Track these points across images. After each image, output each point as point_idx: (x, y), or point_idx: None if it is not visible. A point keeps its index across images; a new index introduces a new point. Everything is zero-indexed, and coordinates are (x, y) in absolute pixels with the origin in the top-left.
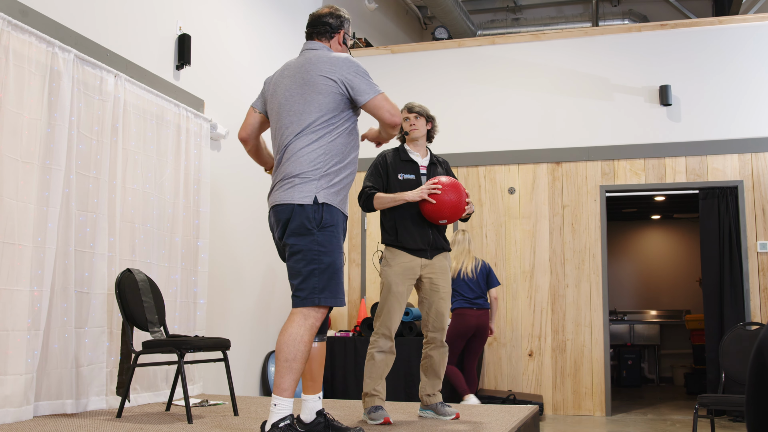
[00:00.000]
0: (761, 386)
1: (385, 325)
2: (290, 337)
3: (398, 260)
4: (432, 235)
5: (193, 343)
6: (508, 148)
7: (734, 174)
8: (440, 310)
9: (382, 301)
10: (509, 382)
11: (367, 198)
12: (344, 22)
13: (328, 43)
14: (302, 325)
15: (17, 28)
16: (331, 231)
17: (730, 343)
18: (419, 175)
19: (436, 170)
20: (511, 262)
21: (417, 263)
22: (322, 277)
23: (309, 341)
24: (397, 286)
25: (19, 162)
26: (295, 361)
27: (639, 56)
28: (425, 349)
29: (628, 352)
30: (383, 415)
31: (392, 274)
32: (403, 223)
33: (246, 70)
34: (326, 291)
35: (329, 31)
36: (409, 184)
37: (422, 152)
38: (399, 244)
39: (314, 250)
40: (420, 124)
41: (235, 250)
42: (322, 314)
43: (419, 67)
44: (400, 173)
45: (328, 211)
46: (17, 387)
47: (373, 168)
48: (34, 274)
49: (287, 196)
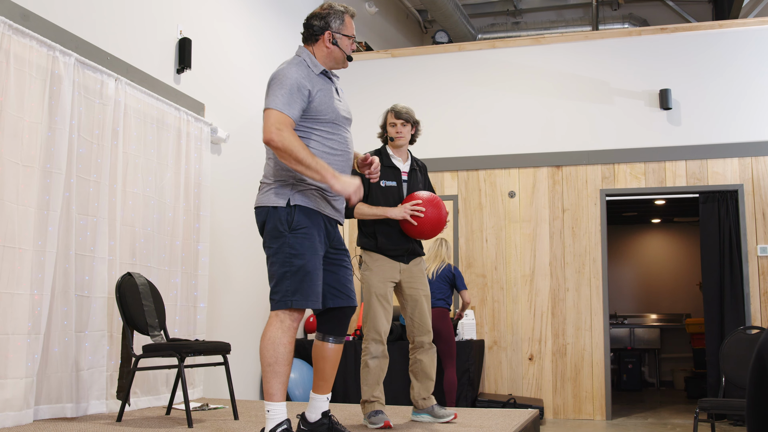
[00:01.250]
0: (762, 390)
1: (374, 329)
2: (268, 341)
3: (378, 264)
4: (410, 241)
5: (193, 347)
6: (508, 151)
7: (734, 178)
8: (423, 312)
9: (367, 305)
10: (509, 386)
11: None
12: (330, 21)
13: (311, 47)
14: (278, 328)
15: (18, 32)
16: (304, 233)
17: (730, 346)
18: (401, 181)
19: (416, 176)
20: (512, 266)
21: (396, 267)
22: (294, 280)
23: (288, 343)
24: (380, 288)
25: (19, 165)
26: (278, 364)
27: (639, 60)
28: (413, 354)
29: (629, 355)
30: (383, 418)
31: (373, 278)
32: (383, 230)
33: (246, 74)
34: (298, 294)
35: (313, 35)
36: (391, 191)
37: (404, 156)
38: (378, 249)
39: (286, 253)
40: (406, 131)
41: (235, 254)
42: (298, 316)
43: (419, 70)
44: (383, 180)
45: (301, 213)
46: (17, 390)
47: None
48: (35, 278)
49: (264, 199)
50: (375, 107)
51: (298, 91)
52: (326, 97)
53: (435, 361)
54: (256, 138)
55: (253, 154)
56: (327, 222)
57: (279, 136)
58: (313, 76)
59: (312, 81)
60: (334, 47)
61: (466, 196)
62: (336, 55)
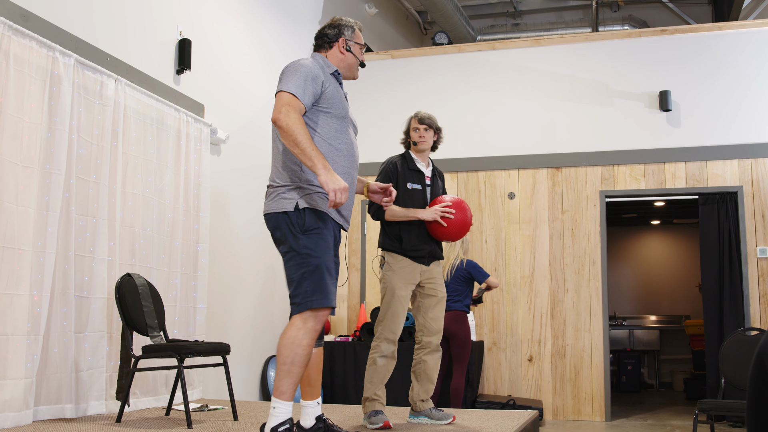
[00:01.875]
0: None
1: (390, 329)
2: (288, 341)
3: (401, 265)
4: (433, 244)
5: (192, 348)
6: (507, 153)
7: (734, 179)
8: (436, 314)
9: (386, 305)
10: (509, 387)
11: (378, 208)
12: (343, 30)
13: (326, 53)
14: (300, 329)
15: (18, 32)
16: (317, 233)
17: (729, 348)
18: (425, 185)
19: (437, 182)
20: (511, 267)
21: (417, 269)
22: (312, 280)
23: (308, 345)
24: (401, 290)
25: (19, 166)
26: (294, 365)
27: (639, 62)
28: (418, 354)
29: (628, 357)
30: (383, 419)
31: (396, 279)
32: (408, 232)
33: (246, 75)
34: (317, 293)
35: (327, 42)
36: (417, 194)
37: (426, 162)
38: (403, 251)
39: (302, 254)
40: (429, 136)
41: (234, 255)
42: (322, 317)
43: (419, 72)
44: (409, 182)
45: (312, 215)
46: (17, 391)
47: (383, 175)
48: (34, 279)
49: (272, 205)
50: (375, 108)
51: (312, 80)
52: (337, 93)
53: (438, 365)
54: (256, 139)
55: (252, 156)
56: (335, 226)
57: (286, 116)
58: (326, 72)
59: (325, 75)
60: (348, 54)
61: (465, 198)
62: (350, 62)
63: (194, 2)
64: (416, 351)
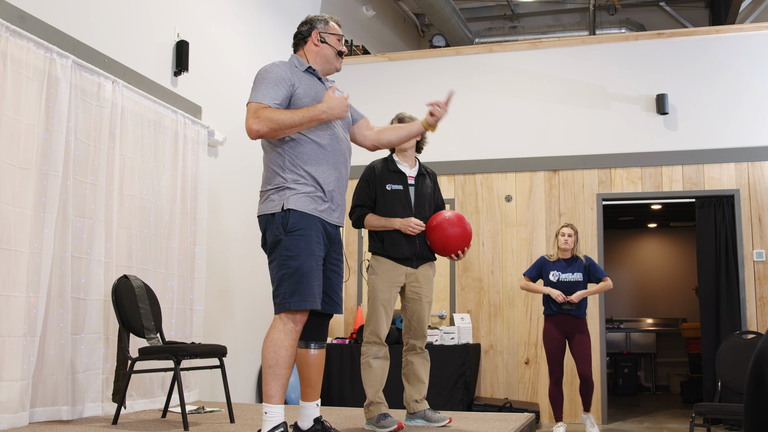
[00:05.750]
0: (759, 397)
1: (375, 332)
2: (270, 343)
3: (383, 268)
4: (419, 245)
5: (189, 350)
6: (505, 155)
7: (731, 183)
8: (421, 317)
9: (370, 308)
10: (505, 390)
11: (358, 218)
12: (315, 24)
13: (302, 51)
14: (281, 330)
15: (15, 33)
16: (300, 234)
17: (726, 351)
18: (407, 185)
19: (424, 181)
20: (508, 270)
21: (402, 272)
22: (291, 282)
23: (290, 346)
24: (383, 293)
25: (16, 168)
26: (278, 367)
27: (636, 65)
28: (405, 356)
29: (625, 360)
30: (395, 421)
31: (378, 282)
32: (389, 233)
33: (243, 77)
34: (295, 295)
35: (302, 38)
36: (397, 194)
37: (411, 162)
38: (385, 253)
39: (283, 255)
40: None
41: (231, 257)
42: (300, 319)
43: (416, 74)
44: (388, 184)
45: (296, 216)
46: (13, 393)
47: (362, 183)
48: (31, 280)
49: (262, 207)
50: (372, 111)
51: (279, 82)
52: (311, 90)
53: (427, 365)
54: (253, 141)
55: (249, 157)
56: (325, 224)
57: (257, 123)
58: (297, 72)
59: (295, 75)
60: (323, 44)
61: (462, 200)
62: (326, 53)
63: (192, 4)
64: (404, 353)
